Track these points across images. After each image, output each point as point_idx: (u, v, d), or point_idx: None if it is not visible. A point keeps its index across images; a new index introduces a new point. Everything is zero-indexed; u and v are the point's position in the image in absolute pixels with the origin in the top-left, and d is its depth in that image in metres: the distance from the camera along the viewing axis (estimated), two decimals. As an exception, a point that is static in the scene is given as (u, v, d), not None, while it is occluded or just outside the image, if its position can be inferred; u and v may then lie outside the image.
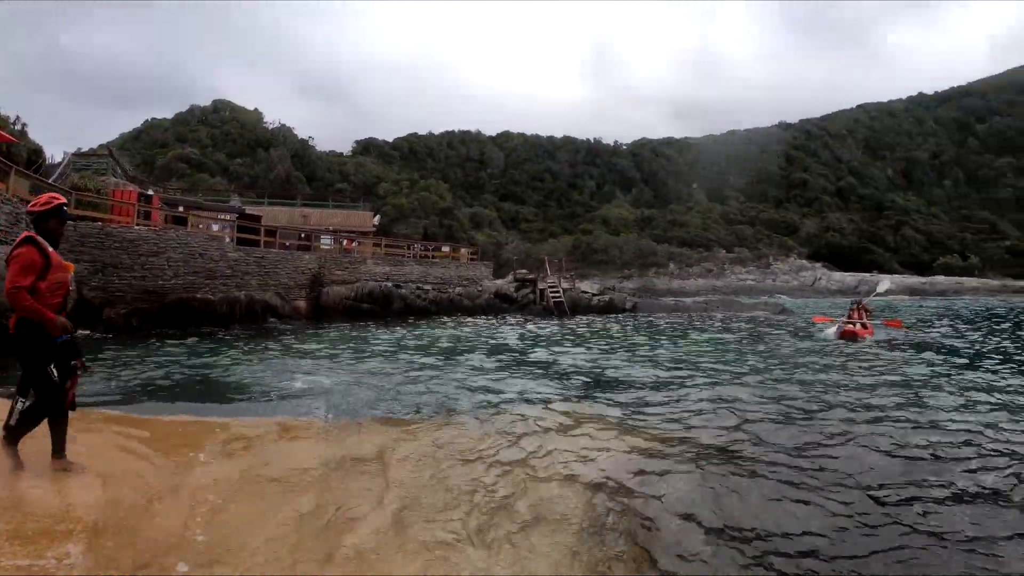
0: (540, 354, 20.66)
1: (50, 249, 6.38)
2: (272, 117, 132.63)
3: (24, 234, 6.36)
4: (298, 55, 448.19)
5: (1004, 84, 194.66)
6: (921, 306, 60.37)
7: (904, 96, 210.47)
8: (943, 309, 55.17)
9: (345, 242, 43.42)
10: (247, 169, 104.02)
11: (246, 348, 20.14)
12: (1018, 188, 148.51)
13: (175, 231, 27.48)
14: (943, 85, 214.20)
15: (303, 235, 40.19)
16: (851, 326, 27.28)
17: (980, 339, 27.86)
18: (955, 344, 25.40)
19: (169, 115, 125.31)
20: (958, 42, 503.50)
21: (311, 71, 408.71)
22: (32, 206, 6.58)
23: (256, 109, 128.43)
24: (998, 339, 28.00)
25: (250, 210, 43.10)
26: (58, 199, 6.61)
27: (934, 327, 34.58)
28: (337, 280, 36.39)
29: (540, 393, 13.42)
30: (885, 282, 39.81)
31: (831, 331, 29.34)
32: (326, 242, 41.60)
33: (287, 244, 36.72)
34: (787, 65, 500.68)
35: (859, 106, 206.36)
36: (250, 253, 30.86)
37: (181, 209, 33.99)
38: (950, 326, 35.29)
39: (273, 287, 31.39)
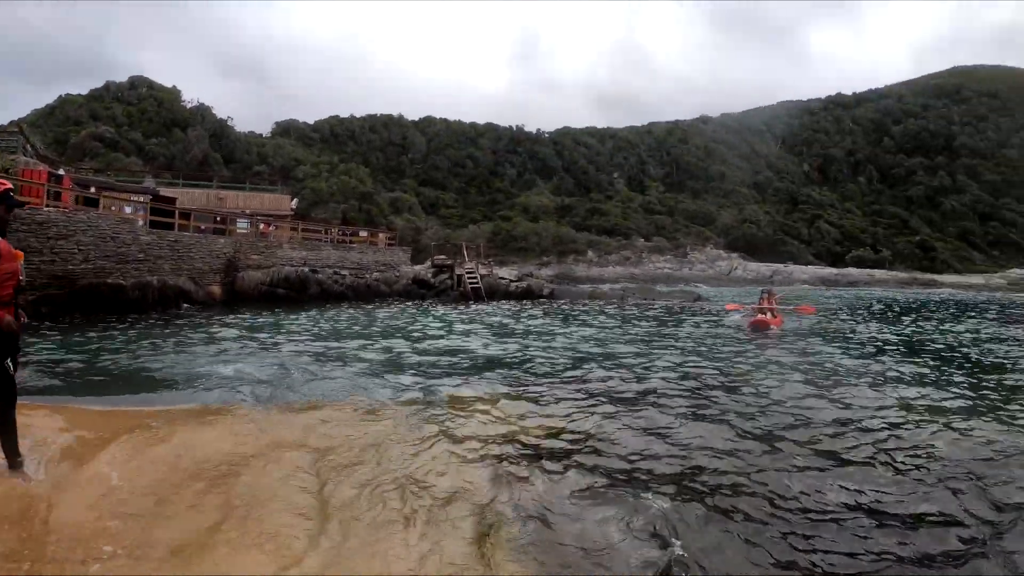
0: (454, 341, 21.02)
1: None
2: (191, 95, 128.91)
3: None
4: (222, 31, 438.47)
5: (919, 88, 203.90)
6: (834, 297, 61.75)
7: (823, 96, 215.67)
8: (853, 299, 56.95)
9: (262, 226, 42.99)
10: (163, 149, 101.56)
11: (161, 335, 20.01)
12: (928, 187, 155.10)
13: (86, 213, 26.90)
14: (862, 87, 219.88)
15: (218, 218, 39.72)
16: (762, 315, 27.67)
17: (885, 329, 28.99)
18: (860, 333, 26.51)
19: (84, 91, 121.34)
20: (880, 47, 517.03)
21: (234, 49, 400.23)
22: None
23: (174, 87, 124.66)
24: (901, 328, 29.09)
25: (165, 192, 42.28)
26: (4, 184, 6.43)
27: (842, 316, 35.83)
28: (252, 265, 36.06)
29: (454, 382, 13.87)
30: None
31: (737, 316, 31.31)
32: (242, 226, 41.11)
33: (202, 228, 36.26)
34: (712, 61, 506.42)
35: (779, 103, 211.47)
36: (163, 236, 30.44)
37: (93, 190, 33.30)
38: (859, 316, 36.58)
39: (187, 272, 31.05)
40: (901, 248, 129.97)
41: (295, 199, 62.64)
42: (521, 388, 13.19)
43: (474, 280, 44.90)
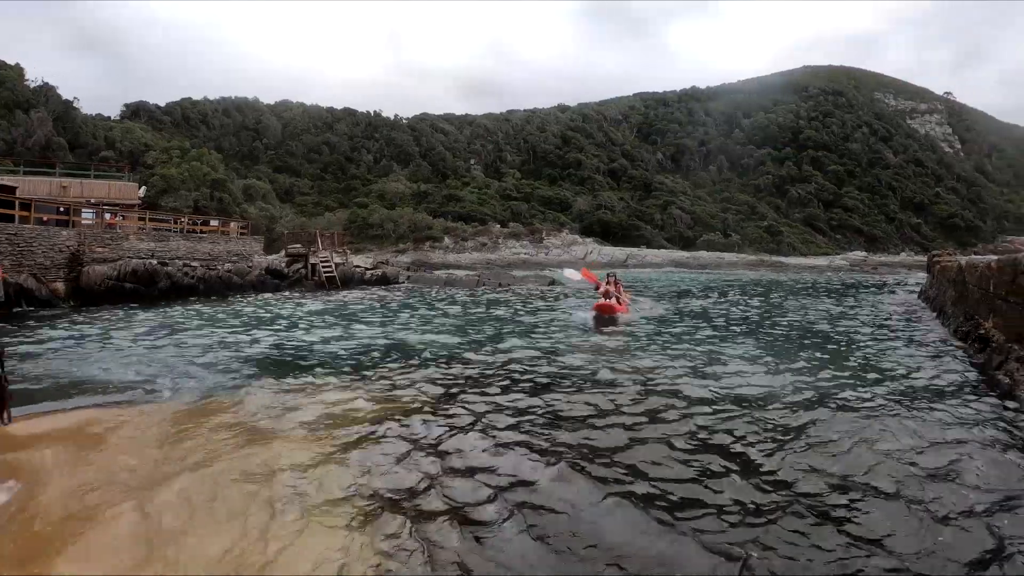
0: (311, 332, 21.21)
1: None
2: (35, 74, 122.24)
3: None
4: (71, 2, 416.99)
5: (770, 85, 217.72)
6: (683, 280, 63.46)
7: (679, 88, 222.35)
8: (710, 282, 59.05)
9: (109, 216, 41.87)
10: (3, 133, 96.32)
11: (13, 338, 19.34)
12: (776, 176, 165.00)
13: (-82, 207, 25.93)
14: (716, 82, 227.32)
15: (62, 209, 38.45)
16: (608, 300, 25.88)
17: (728, 311, 30.21)
18: (709, 317, 27.57)
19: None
20: (739, 47, 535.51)
21: (84, 19, 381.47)
22: None
23: (17, 64, 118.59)
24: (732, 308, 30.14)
25: (4, 180, 40.76)
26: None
27: (691, 300, 37.14)
28: (99, 258, 35.12)
29: (303, 374, 14.06)
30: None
31: (575, 275, 30.99)
32: (87, 216, 39.87)
33: (44, 219, 35.09)
34: (575, 52, 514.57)
35: (636, 94, 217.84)
36: (2, 230, 29.47)
37: (-76, 182, 31.95)
38: (709, 300, 37.92)
39: (28, 268, 30.12)
40: (750, 232, 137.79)
41: (143, 187, 60.94)
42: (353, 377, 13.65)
43: (328, 269, 44.96)
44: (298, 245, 49.21)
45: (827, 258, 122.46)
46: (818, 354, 16.89)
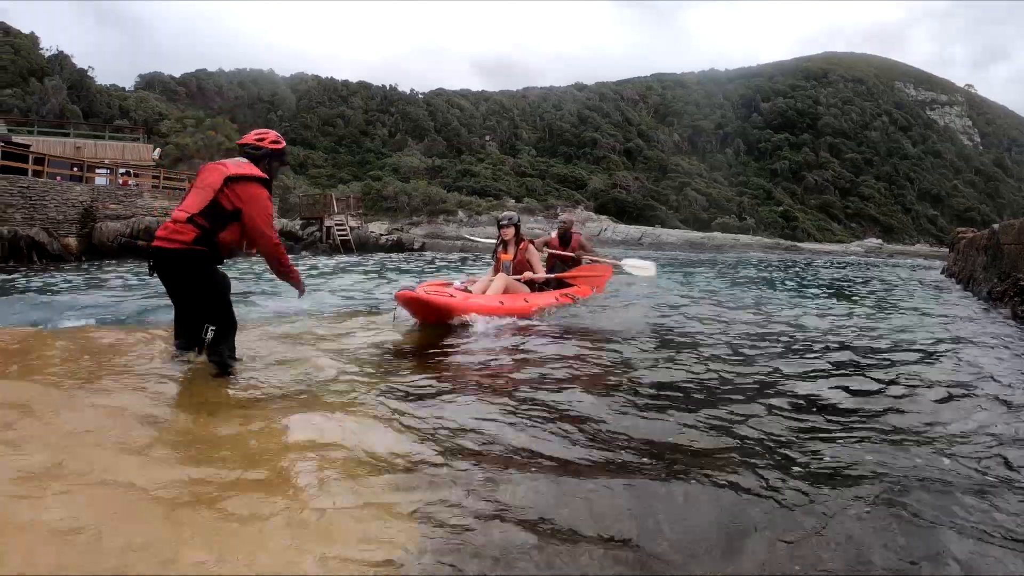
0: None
1: None
2: (50, 43, 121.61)
3: (257, 171, 5.95)
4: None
5: (790, 70, 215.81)
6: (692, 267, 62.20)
7: (697, 71, 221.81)
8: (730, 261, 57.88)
9: (122, 178, 41.42)
10: (18, 100, 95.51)
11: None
12: (793, 161, 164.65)
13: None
14: (735, 65, 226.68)
15: (75, 167, 37.98)
16: (434, 291, 9.90)
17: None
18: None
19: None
20: (761, 32, 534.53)
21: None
22: (260, 141, 6.15)
23: (32, 33, 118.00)
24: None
25: (18, 140, 40.32)
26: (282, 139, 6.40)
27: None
28: (111, 215, 34.71)
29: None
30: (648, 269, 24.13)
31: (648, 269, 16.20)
32: (101, 178, 39.33)
33: (57, 176, 34.66)
34: (594, 32, 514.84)
35: (654, 75, 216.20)
36: (14, 183, 29.04)
37: (-62, 134, 31.54)
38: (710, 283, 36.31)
39: (40, 222, 29.70)
40: (765, 216, 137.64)
41: (157, 149, 60.57)
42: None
43: (343, 232, 44.57)
44: (311, 217, 48.73)
45: (841, 245, 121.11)
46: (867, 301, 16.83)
